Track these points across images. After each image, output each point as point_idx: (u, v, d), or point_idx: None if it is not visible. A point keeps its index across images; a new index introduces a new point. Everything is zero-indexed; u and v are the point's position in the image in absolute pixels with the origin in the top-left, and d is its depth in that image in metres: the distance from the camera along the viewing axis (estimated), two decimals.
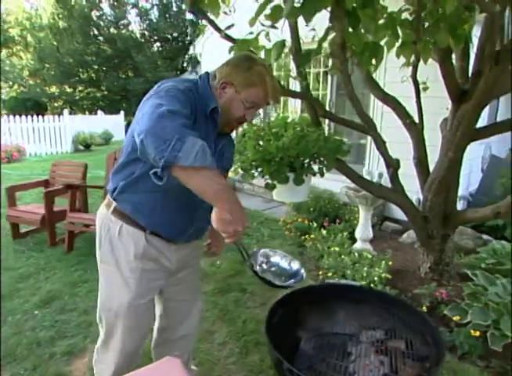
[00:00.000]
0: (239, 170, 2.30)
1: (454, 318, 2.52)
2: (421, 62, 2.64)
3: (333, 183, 4.66)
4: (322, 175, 2.26)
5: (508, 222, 4.42)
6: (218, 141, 1.52)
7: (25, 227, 4.47)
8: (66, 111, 11.68)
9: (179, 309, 1.80)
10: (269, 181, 2.23)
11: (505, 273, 3.02)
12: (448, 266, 3.26)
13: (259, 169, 2.26)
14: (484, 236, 4.37)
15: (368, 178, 4.42)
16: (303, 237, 4.29)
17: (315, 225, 4.39)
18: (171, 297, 1.74)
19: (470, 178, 5.53)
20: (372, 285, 3.06)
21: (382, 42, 2.19)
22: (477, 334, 2.36)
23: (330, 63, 2.61)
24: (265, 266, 1.51)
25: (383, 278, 3.14)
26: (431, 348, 1.36)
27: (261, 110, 1.61)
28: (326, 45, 2.24)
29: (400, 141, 3.20)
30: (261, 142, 2.29)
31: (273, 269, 1.53)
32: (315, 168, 2.32)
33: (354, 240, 4.09)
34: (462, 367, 2.31)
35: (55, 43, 16.98)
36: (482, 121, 4.31)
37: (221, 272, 3.57)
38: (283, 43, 2.06)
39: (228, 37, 2.30)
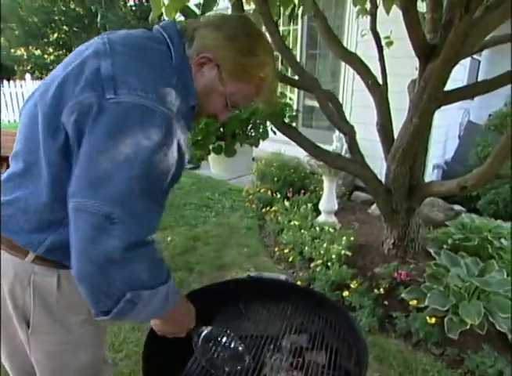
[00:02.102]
0: None
1: (411, 302, 2.29)
2: (384, 13, 2.28)
3: (301, 150, 4.36)
4: (256, 145, 1.93)
5: (482, 193, 4.20)
6: None
7: None
8: (28, 76, 10.90)
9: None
10: (196, 152, 1.90)
11: (472, 251, 2.79)
12: (414, 242, 3.01)
13: None
14: (457, 207, 4.15)
15: (338, 145, 4.14)
16: (264, 209, 4.01)
17: (278, 196, 4.10)
18: None
19: (446, 145, 5.27)
20: (329, 263, 2.81)
21: None
22: (434, 320, 2.13)
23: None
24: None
25: (342, 255, 2.89)
26: (356, 364, 1.10)
27: None
28: None
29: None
30: None
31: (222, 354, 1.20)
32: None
33: (318, 213, 3.82)
34: (415, 356, 2.11)
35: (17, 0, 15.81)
36: (461, 84, 4.00)
37: (170, 250, 3.29)
38: None
39: None
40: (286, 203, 3.91)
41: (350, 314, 1.29)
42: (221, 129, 1.90)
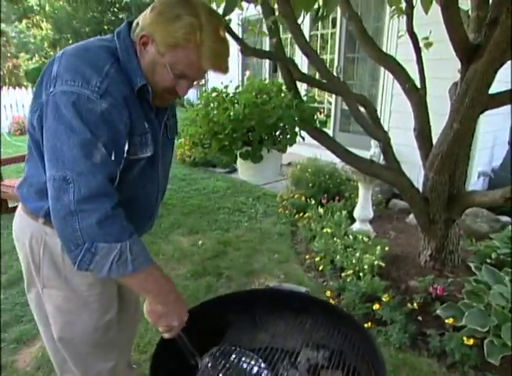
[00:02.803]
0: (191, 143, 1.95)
1: (447, 320, 2.14)
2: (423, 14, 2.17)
3: None
4: (283, 151, 1.88)
5: None
6: (161, 115, 1.16)
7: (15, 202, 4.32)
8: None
9: (129, 311, 1.54)
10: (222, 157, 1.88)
11: None
12: (453, 255, 2.85)
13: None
14: (504, 218, 3.88)
15: (376, 151, 4.00)
16: (298, 216, 3.94)
17: (312, 202, 4.01)
18: (123, 299, 1.46)
19: (493, 151, 4.97)
20: (360, 274, 2.70)
21: None
22: (471, 341, 1.98)
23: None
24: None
25: (375, 266, 2.77)
26: None
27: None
28: None
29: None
30: (215, 112, 1.92)
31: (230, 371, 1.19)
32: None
33: (353, 220, 3.70)
34: None
35: (71, 12, 16.66)
36: (506, 87, 3.76)
37: (201, 254, 3.30)
38: None
39: None
40: (320, 209, 3.82)
41: (370, 332, 1.21)
42: (249, 135, 1.87)
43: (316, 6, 1.58)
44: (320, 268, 2.94)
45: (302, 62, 4.35)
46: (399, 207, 4.35)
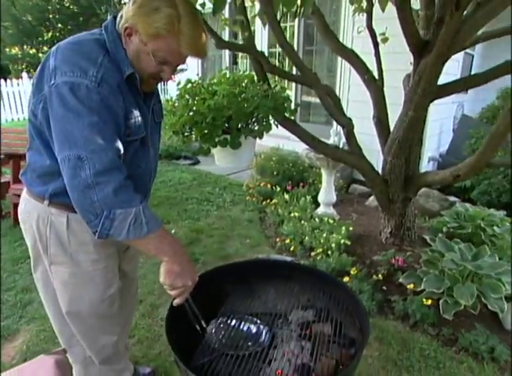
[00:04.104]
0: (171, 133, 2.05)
1: (409, 286, 2.40)
2: (379, 11, 2.37)
3: (299, 144, 4.46)
4: (260, 137, 2.03)
5: (475, 183, 4.33)
6: (149, 101, 1.29)
7: None
8: (25, 75, 10.90)
9: (129, 288, 1.64)
10: (203, 145, 1.99)
11: (466, 238, 2.91)
12: (410, 231, 3.13)
13: (192, 132, 2.01)
14: (452, 198, 4.27)
15: (335, 139, 4.23)
16: (265, 202, 4.11)
17: (278, 189, 4.20)
18: (124, 276, 1.55)
19: (441, 138, 5.39)
20: (329, 252, 2.92)
21: None
22: (430, 302, 2.25)
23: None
24: (221, 337, 1.34)
25: (341, 244, 3.00)
26: (359, 332, 1.20)
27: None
28: None
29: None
30: (195, 102, 2.02)
31: (232, 334, 1.36)
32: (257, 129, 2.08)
33: (317, 205, 3.93)
34: (412, 336, 2.22)
35: None
36: (455, 78, 4.11)
37: None
38: None
39: None
40: (286, 196, 4.02)
41: (351, 289, 1.40)
42: (227, 124, 2.00)
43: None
44: (291, 249, 3.13)
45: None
46: (359, 191, 4.65)
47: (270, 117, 2.12)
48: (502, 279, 2.26)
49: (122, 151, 1.11)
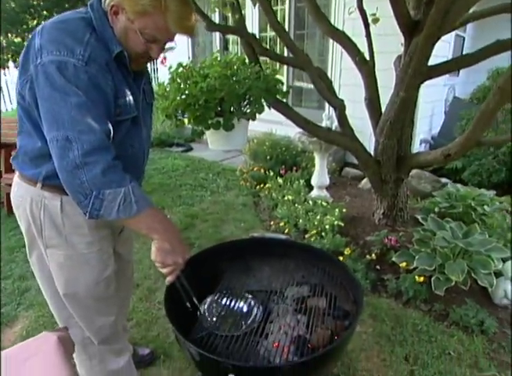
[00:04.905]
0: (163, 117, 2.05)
1: (401, 264, 2.45)
2: None
3: (292, 129, 4.47)
4: (253, 119, 2.04)
5: (466, 164, 4.38)
6: (139, 81, 1.29)
7: None
8: (11, 64, 10.68)
9: (125, 271, 1.65)
10: (196, 127, 2.00)
11: (457, 217, 2.96)
12: (402, 211, 3.17)
13: (185, 115, 2.02)
14: (443, 180, 4.32)
15: (327, 123, 4.24)
16: (259, 187, 4.14)
17: (271, 173, 4.23)
18: (119, 258, 1.56)
19: (432, 120, 5.43)
20: (323, 233, 2.96)
21: None
22: (422, 279, 2.30)
23: None
24: (215, 318, 1.36)
25: (335, 226, 3.04)
26: (353, 305, 1.24)
27: None
28: None
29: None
30: (188, 85, 2.02)
31: (223, 313, 1.38)
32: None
33: (311, 188, 3.96)
34: (405, 313, 2.28)
35: None
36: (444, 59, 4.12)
37: None
38: None
39: None
40: (280, 180, 4.04)
41: (345, 264, 1.43)
42: (220, 106, 2.00)
43: None
44: (286, 231, 3.16)
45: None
46: (351, 174, 4.68)
47: (262, 99, 2.13)
48: (491, 255, 2.31)
49: (112, 131, 1.10)
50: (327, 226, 3.00)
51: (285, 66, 5.66)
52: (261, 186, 4.12)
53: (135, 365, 1.88)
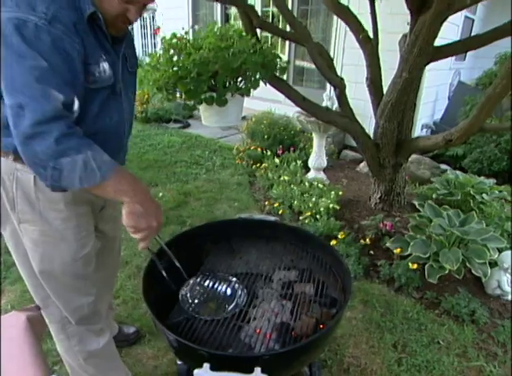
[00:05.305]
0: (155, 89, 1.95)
1: (395, 250, 2.40)
2: None
3: (291, 109, 4.36)
4: (248, 94, 1.94)
5: (467, 151, 4.30)
6: (119, 46, 1.17)
7: None
8: None
9: (110, 249, 1.59)
10: (187, 102, 1.91)
11: (455, 205, 2.91)
12: (399, 197, 3.11)
13: (177, 89, 1.92)
14: (443, 166, 4.25)
15: (328, 104, 4.13)
16: (255, 166, 4.06)
17: (268, 153, 4.14)
18: (104, 236, 1.50)
19: (435, 105, 5.31)
20: (317, 216, 2.91)
21: None
22: (415, 266, 2.26)
23: None
24: (196, 300, 1.30)
25: (330, 209, 2.98)
26: (341, 292, 1.18)
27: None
28: None
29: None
30: (181, 57, 1.92)
31: (205, 296, 1.31)
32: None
33: (308, 170, 3.89)
34: (396, 299, 2.24)
35: None
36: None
37: (163, 205, 3.34)
38: None
39: None
40: (276, 160, 3.97)
41: (335, 248, 1.37)
42: (213, 80, 1.91)
43: None
44: (280, 212, 3.11)
45: None
46: (350, 157, 4.60)
47: (258, 75, 2.03)
48: (487, 245, 2.26)
49: (77, 101, 1.00)
50: (322, 209, 2.94)
51: (287, 44, 5.51)
52: (258, 165, 4.04)
53: (120, 343, 1.86)
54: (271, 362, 0.92)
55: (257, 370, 0.86)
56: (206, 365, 0.88)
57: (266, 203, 3.34)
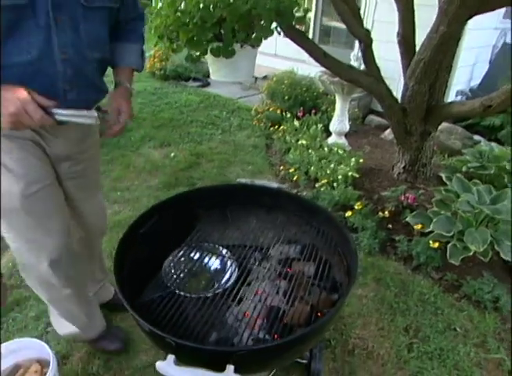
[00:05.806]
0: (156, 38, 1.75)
1: (416, 226, 2.20)
2: None
3: (316, 69, 4.05)
4: (258, 45, 1.72)
5: (506, 122, 3.93)
6: None
7: None
8: None
9: (80, 208, 1.46)
10: (191, 52, 1.71)
11: (487, 180, 2.64)
12: (425, 168, 2.87)
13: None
14: (476, 137, 3.91)
15: (356, 64, 3.81)
16: (273, 128, 3.84)
17: (288, 115, 3.90)
18: (68, 194, 1.39)
19: (474, 70, 4.86)
20: (334, 184, 2.71)
21: None
22: (437, 245, 2.06)
23: None
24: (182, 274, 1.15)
25: (349, 177, 2.77)
26: (345, 275, 1.02)
27: None
28: None
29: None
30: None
31: (193, 270, 1.17)
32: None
33: (329, 134, 3.65)
34: (413, 279, 2.06)
35: None
36: None
37: (173, 165, 3.21)
38: None
39: None
40: (296, 122, 3.73)
41: (343, 224, 1.20)
42: (220, 28, 1.69)
43: None
44: (295, 178, 2.93)
45: None
46: (375, 123, 4.31)
47: (273, 25, 1.80)
48: None
49: None
50: (340, 176, 2.74)
51: (313, 2, 5.10)
52: (276, 127, 3.82)
53: (116, 307, 1.78)
54: (247, 358, 0.78)
55: (230, 368, 0.73)
56: (170, 357, 0.75)
57: (281, 168, 3.15)
